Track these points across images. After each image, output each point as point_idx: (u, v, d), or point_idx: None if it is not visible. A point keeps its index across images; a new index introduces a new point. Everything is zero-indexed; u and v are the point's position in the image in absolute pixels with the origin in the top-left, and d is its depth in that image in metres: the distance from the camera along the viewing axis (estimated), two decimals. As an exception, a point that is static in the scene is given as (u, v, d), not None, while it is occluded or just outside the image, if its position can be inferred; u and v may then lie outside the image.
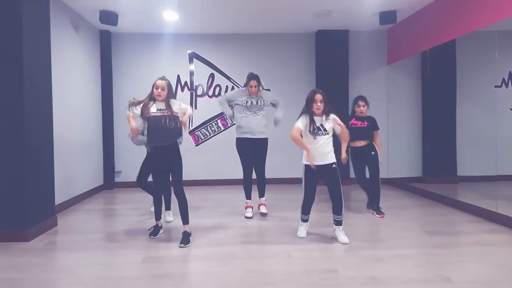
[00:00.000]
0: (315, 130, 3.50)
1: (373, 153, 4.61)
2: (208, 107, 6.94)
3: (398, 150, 6.94)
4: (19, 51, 3.54)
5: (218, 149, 6.80)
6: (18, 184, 3.55)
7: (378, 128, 4.65)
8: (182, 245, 3.39)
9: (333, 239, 3.61)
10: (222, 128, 6.95)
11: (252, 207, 4.57)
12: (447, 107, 6.69)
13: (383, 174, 6.93)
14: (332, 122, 3.54)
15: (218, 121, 6.97)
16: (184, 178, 3.62)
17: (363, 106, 4.60)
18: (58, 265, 3.06)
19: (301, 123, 3.52)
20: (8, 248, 3.38)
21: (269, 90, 6.97)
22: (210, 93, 6.95)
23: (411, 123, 6.99)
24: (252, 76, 4.50)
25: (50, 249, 3.40)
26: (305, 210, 3.72)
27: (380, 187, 4.64)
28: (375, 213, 4.60)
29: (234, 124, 4.59)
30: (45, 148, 3.98)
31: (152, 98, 3.45)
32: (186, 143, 6.81)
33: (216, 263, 3.03)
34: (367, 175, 4.74)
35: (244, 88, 4.63)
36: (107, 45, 6.59)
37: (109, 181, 6.61)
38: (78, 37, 5.57)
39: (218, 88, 6.95)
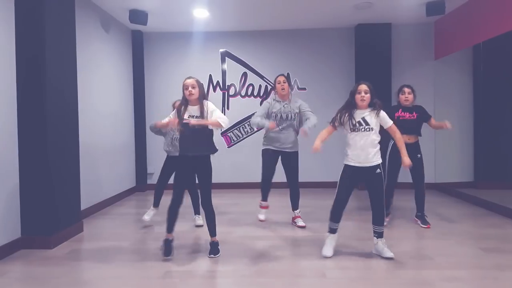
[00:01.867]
0: (356, 126, 3.12)
1: (419, 155, 4.15)
2: (241, 108, 6.70)
3: (446, 152, 6.38)
4: (42, 53, 3.44)
5: (250, 151, 6.55)
6: (42, 189, 3.47)
7: (430, 116, 4.21)
8: (212, 255, 3.21)
9: (374, 254, 3.24)
10: (255, 129, 6.68)
11: (267, 207, 4.33)
12: (502, 104, 6.07)
13: (430, 178, 6.46)
14: (378, 118, 3.15)
15: (251, 121, 6.71)
16: (215, 180, 3.40)
17: (409, 93, 4.11)
18: (78, 277, 2.91)
19: (336, 120, 3.22)
20: (30, 256, 3.29)
21: (304, 89, 6.65)
22: (243, 93, 6.71)
23: (461, 122, 6.39)
24: (279, 75, 4.22)
25: (72, 258, 3.27)
26: (335, 217, 3.25)
27: (425, 193, 4.20)
28: (419, 222, 4.16)
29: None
30: (70, 152, 3.89)
31: (184, 102, 3.20)
32: (218, 145, 6.62)
33: (243, 282, 2.77)
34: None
35: (272, 97, 4.25)
36: (139, 45, 6.53)
37: (142, 183, 6.56)
38: (108, 37, 5.51)
39: (251, 88, 6.70)
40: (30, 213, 3.46)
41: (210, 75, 6.69)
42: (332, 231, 3.29)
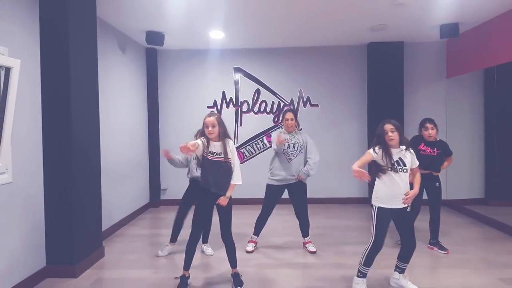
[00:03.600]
0: (395, 166, 3.01)
1: (437, 184, 4.19)
2: (254, 124, 6.75)
3: (458, 169, 6.38)
4: (67, 85, 3.50)
5: (263, 167, 6.55)
6: (67, 218, 3.52)
7: (451, 153, 4.25)
8: (239, 287, 3.25)
9: (393, 287, 3.27)
10: (268, 145, 6.73)
11: (256, 243, 4.36)
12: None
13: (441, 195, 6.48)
14: (410, 156, 3.09)
15: (264, 138, 6.76)
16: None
17: (432, 128, 4.11)
18: (105, 309, 2.97)
19: (376, 152, 3.04)
20: (56, 286, 3.34)
21: (317, 105, 6.68)
22: (256, 109, 6.75)
23: (473, 139, 6.43)
24: (288, 109, 4.32)
25: (97, 288, 3.33)
26: (369, 262, 3.12)
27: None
28: (437, 249, 4.18)
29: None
30: (93, 177, 3.94)
31: (205, 135, 3.20)
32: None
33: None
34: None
35: (280, 128, 4.30)
36: (153, 63, 6.58)
37: (155, 199, 6.61)
38: (124, 56, 5.57)
39: (264, 104, 6.74)
40: (54, 242, 3.52)
41: (224, 92, 6.73)
42: (364, 275, 3.16)
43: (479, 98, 6.38)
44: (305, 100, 6.72)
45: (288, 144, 4.16)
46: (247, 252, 4.22)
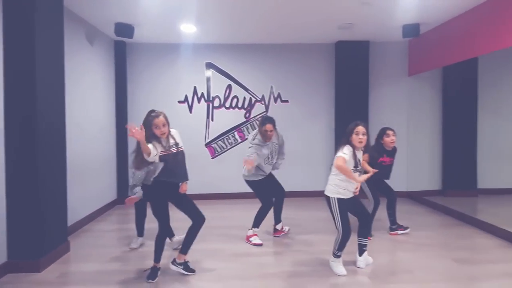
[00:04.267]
0: (358, 167, 3.21)
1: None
2: (225, 119, 6.77)
3: (418, 163, 6.76)
4: (32, 65, 3.40)
5: (234, 162, 6.61)
6: (30, 211, 3.42)
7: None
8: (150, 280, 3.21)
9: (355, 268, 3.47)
10: (239, 140, 6.78)
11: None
12: (468, 118, 6.52)
13: (402, 187, 6.78)
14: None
15: (235, 133, 6.80)
16: (201, 191, 3.43)
17: (393, 135, 4.13)
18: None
19: (347, 154, 3.14)
20: (19, 281, 3.25)
21: (287, 101, 6.80)
22: (227, 104, 6.78)
23: (432, 135, 6.80)
24: (267, 119, 4.12)
25: (62, 282, 3.25)
26: (342, 248, 3.36)
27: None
28: (401, 231, 4.51)
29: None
30: (58, 169, 3.84)
31: (153, 137, 3.10)
32: (202, 156, 6.72)
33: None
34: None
35: (255, 134, 4.22)
36: (121, 56, 6.46)
37: (123, 196, 6.47)
38: (91, 48, 5.44)
39: (235, 100, 6.77)
40: (17, 236, 3.41)
41: (195, 87, 6.71)
42: (338, 256, 3.38)
43: (438, 96, 6.72)
44: (275, 96, 6.82)
45: (268, 156, 4.20)
46: (256, 244, 4.17)
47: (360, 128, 3.16)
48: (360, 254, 3.49)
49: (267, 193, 4.34)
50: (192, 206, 3.33)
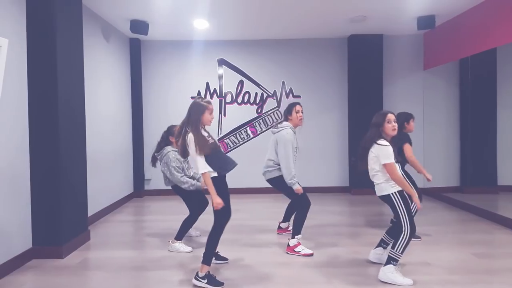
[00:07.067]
0: (397, 160, 2.99)
1: None
2: (237, 115, 6.84)
3: (434, 159, 6.65)
4: (54, 64, 3.53)
5: (247, 157, 6.67)
6: (53, 200, 3.54)
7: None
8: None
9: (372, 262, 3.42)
10: (251, 136, 6.84)
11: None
12: (487, 113, 6.38)
13: (418, 183, 6.66)
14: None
15: (248, 128, 6.86)
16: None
17: (395, 121, 3.90)
18: (92, 287, 3.01)
19: (392, 155, 2.90)
20: (43, 266, 3.37)
21: (299, 96, 6.82)
22: (239, 100, 6.84)
23: (448, 130, 6.71)
24: (295, 102, 3.90)
25: (84, 267, 3.37)
26: (405, 249, 2.97)
27: None
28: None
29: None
30: (79, 161, 3.97)
31: (199, 127, 2.89)
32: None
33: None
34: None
35: (288, 125, 3.77)
36: (136, 53, 6.60)
37: (139, 189, 6.62)
38: (108, 46, 5.57)
39: (247, 95, 6.84)
40: (41, 223, 3.53)
41: (207, 83, 6.80)
42: (398, 261, 3.00)
43: (455, 89, 6.65)
44: (287, 91, 6.86)
45: (297, 147, 3.80)
46: (307, 255, 3.62)
47: (391, 116, 3.03)
48: (378, 246, 3.41)
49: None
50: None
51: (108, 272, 3.24)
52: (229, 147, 6.85)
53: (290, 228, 4.29)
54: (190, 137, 2.80)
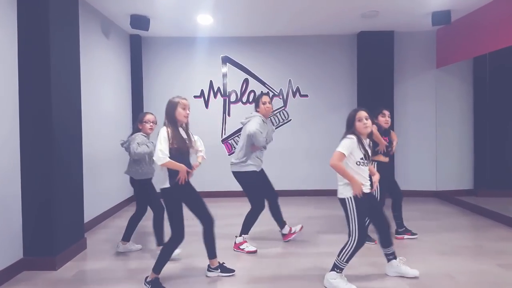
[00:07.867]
0: (366, 159, 2.88)
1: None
2: (242, 114, 6.50)
3: (447, 160, 6.40)
4: (47, 60, 3.27)
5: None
6: (46, 208, 3.29)
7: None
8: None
9: (389, 276, 3.14)
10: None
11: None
12: (502, 113, 6.12)
13: (431, 186, 6.48)
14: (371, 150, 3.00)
15: (252, 129, 6.60)
16: (217, 189, 3.22)
17: (389, 116, 3.97)
18: (88, 302, 2.76)
19: (347, 149, 2.83)
20: (34, 279, 3.11)
21: (306, 95, 6.57)
22: (244, 99, 6.59)
23: (462, 130, 6.44)
24: (262, 92, 3.97)
25: (79, 280, 3.11)
26: (351, 258, 2.86)
27: None
28: (408, 236, 4.16)
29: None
30: (74, 165, 3.72)
31: (175, 124, 2.92)
32: (219, 153, 6.54)
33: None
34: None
35: (257, 114, 3.82)
36: (137, 50, 6.35)
37: (139, 192, 6.36)
38: (107, 42, 5.33)
39: (252, 94, 6.58)
40: (32, 233, 3.28)
41: (211, 81, 6.55)
42: (342, 269, 2.91)
43: (469, 88, 6.39)
44: (294, 90, 6.60)
45: (266, 139, 3.79)
46: (251, 252, 3.73)
47: (362, 113, 2.92)
48: (388, 261, 3.16)
49: (260, 192, 3.83)
50: (205, 206, 3.06)
51: (104, 286, 2.98)
52: (233, 148, 6.59)
53: (293, 229, 4.10)
54: (163, 128, 2.83)
